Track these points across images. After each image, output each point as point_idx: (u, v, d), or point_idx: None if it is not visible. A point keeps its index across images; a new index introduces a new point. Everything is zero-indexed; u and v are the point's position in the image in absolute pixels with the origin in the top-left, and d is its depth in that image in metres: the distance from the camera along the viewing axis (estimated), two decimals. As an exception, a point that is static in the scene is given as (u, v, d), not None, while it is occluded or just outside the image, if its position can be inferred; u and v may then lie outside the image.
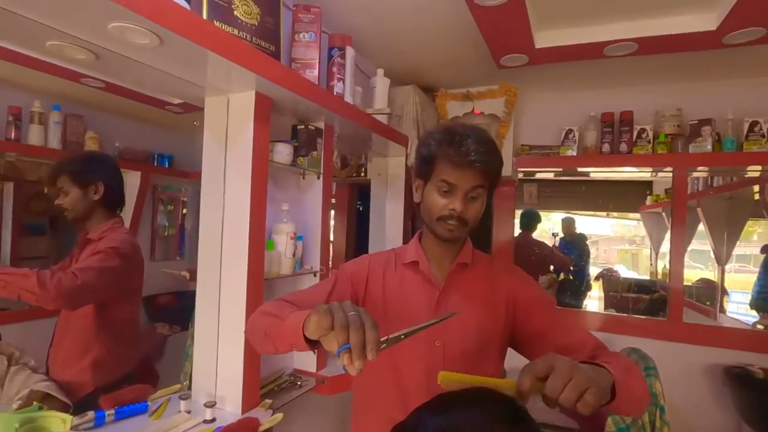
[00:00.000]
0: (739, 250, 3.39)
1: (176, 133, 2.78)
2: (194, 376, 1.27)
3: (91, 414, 1.05)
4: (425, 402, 0.58)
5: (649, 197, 4.15)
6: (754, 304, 3.09)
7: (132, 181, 2.66)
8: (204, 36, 0.91)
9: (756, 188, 2.58)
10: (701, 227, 3.26)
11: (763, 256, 3.18)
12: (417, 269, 0.96)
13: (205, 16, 1.01)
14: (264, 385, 1.33)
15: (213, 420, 1.10)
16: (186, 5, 0.91)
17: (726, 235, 3.26)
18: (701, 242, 3.47)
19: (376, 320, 0.57)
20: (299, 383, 1.40)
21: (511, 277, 0.97)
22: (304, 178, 1.53)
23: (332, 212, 3.33)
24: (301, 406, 1.46)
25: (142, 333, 2.52)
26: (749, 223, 3.32)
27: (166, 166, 2.81)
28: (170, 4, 0.84)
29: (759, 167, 2.09)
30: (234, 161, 1.22)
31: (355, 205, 3.54)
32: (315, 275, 1.49)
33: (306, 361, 1.50)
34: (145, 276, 1.57)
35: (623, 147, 2.03)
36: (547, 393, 0.56)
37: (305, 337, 0.64)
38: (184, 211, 3.08)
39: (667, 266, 2.18)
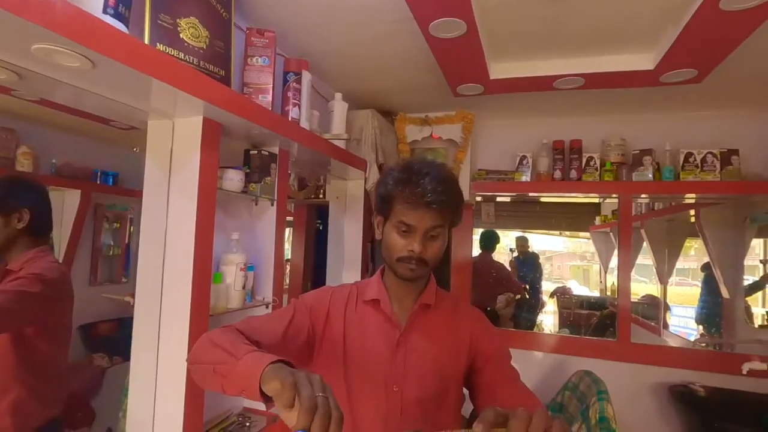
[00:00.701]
0: (679, 264, 3.61)
1: (122, 149, 2.60)
2: (128, 427, 1.15)
3: (0, 477, 0.92)
4: None
5: (597, 218, 4.38)
6: (698, 319, 3.29)
7: (71, 200, 2.47)
8: (142, 60, 0.85)
9: (692, 212, 2.77)
10: (645, 244, 3.47)
11: (703, 274, 3.41)
12: (378, 308, 0.93)
13: (146, 40, 0.95)
14: (209, 429, 1.23)
15: (147, 475, 1.00)
16: (123, 27, 0.85)
17: (667, 253, 3.48)
18: (645, 257, 3.69)
19: (340, 408, 0.53)
20: (248, 424, 1.31)
21: (476, 325, 0.96)
22: (256, 204, 1.46)
23: (290, 230, 3.24)
24: (249, 449, 1.36)
25: (77, 366, 2.31)
26: (687, 240, 3.57)
27: (111, 184, 2.64)
28: (102, 27, 0.78)
29: (693, 197, 2.24)
30: (178, 189, 1.15)
31: (314, 224, 3.47)
32: (267, 307, 1.42)
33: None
34: (85, 302, 1.40)
35: (573, 173, 2.12)
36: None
37: (260, 389, 0.58)
38: (132, 229, 2.88)
39: (616, 282, 2.27)
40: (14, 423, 1.20)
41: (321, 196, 2.51)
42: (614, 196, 2.29)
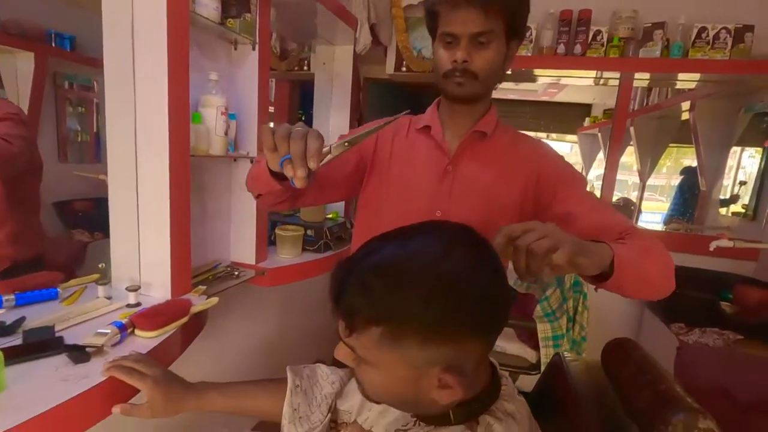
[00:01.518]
0: (650, 181, 3.68)
1: (77, 9, 2.28)
2: (113, 265, 1.13)
3: (-18, 298, 0.90)
4: (380, 234, 0.51)
5: (587, 119, 4.33)
6: (666, 221, 3.44)
7: (24, 66, 2.20)
8: None
9: (685, 107, 2.71)
10: (626, 158, 3.45)
11: (681, 177, 3.49)
12: (429, 135, 0.87)
13: None
14: (197, 274, 1.24)
15: (138, 305, 1.00)
16: None
17: (650, 162, 3.51)
18: (622, 173, 3.73)
19: (321, 133, 0.56)
20: (237, 273, 1.32)
21: (538, 151, 0.86)
22: (236, 48, 1.31)
23: (271, 124, 3.08)
24: (239, 297, 1.40)
25: (58, 240, 2.28)
26: (669, 146, 3.59)
27: (68, 48, 2.35)
28: None
29: (695, 80, 2.16)
30: (144, 11, 0.99)
31: (296, 114, 3.30)
32: (252, 162, 1.35)
33: (245, 253, 1.41)
34: (56, 178, 1.55)
35: (578, 48, 1.98)
36: (518, 243, 0.50)
37: (271, 172, 0.68)
38: (99, 118, 2.65)
39: (596, 186, 2.27)
40: (14, 251, 1.32)
41: (305, 68, 2.33)
42: (614, 81, 2.21)
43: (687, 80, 2.13)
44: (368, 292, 0.45)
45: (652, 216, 4.14)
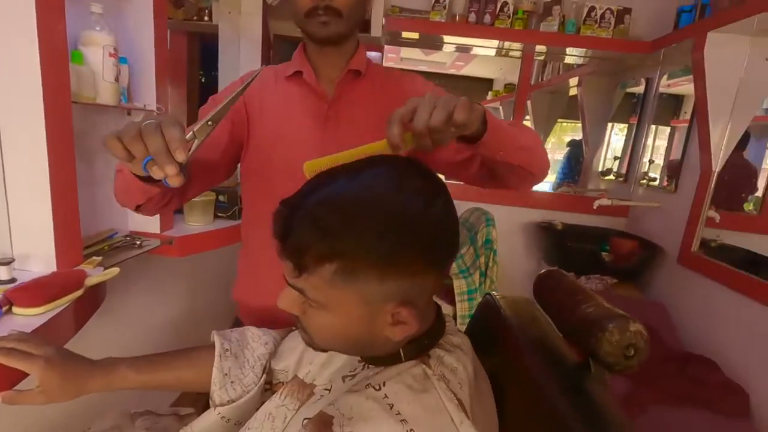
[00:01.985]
0: None
1: None
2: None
3: None
4: (324, 171, 0.48)
5: (490, 93, 4.60)
6: (556, 188, 3.84)
7: None
8: None
9: (573, 83, 3.02)
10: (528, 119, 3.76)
11: (567, 149, 3.90)
12: (301, 81, 0.81)
13: None
14: (89, 245, 1.06)
15: (13, 280, 0.83)
16: None
17: (543, 132, 3.86)
18: None
19: (180, 121, 0.49)
20: (139, 243, 1.17)
21: (416, 83, 0.85)
22: (123, -22, 1.11)
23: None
24: (143, 269, 1.25)
25: None
26: (558, 121, 3.97)
27: None
28: None
29: (583, 55, 2.40)
30: None
31: (196, 75, 2.98)
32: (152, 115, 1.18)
33: (147, 221, 1.25)
34: None
35: (487, 18, 2.07)
36: (416, 125, 0.49)
37: (140, 178, 0.57)
38: None
39: None
40: None
41: (206, 19, 2.08)
42: (516, 52, 2.37)
43: (576, 55, 2.36)
44: (320, 226, 0.41)
45: (544, 185, 4.62)
